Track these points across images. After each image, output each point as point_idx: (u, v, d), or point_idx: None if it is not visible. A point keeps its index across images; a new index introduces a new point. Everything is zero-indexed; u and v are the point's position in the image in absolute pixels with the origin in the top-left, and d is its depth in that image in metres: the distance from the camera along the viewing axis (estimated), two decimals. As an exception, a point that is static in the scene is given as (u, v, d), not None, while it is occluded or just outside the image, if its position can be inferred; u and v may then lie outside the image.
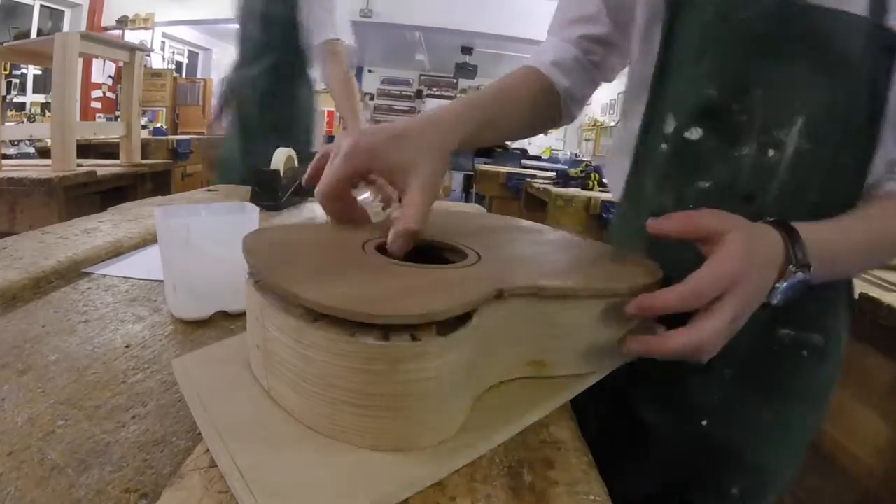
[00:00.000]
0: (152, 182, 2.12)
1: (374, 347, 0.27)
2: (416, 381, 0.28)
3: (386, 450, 0.29)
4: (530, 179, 3.03)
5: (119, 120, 2.08)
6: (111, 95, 5.73)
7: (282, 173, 1.12)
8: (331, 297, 0.27)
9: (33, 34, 4.80)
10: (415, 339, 0.28)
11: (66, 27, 5.29)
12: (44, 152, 2.22)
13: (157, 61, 6.64)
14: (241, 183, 1.40)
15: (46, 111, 4.71)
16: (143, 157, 2.12)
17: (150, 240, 0.77)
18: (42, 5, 5.02)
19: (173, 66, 7.08)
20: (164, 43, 6.84)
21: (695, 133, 0.47)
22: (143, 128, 3.57)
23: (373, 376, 0.27)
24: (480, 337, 0.31)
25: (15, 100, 4.71)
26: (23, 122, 4.37)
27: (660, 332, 0.37)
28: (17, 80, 4.82)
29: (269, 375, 0.32)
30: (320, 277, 0.31)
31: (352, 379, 0.28)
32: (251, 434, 0.29)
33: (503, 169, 3.86)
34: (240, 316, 0.52)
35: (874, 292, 0.97)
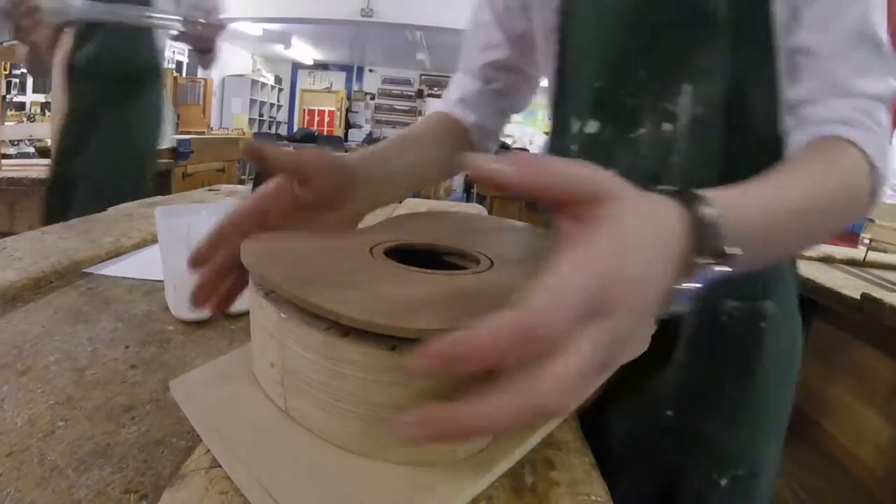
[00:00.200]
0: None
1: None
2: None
3: (425, 464, 0.28)
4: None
5: (119, 119, 2.07)
6: (111, 95, 5.72)
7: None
8: (374, 313, 0.26)
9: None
10: None
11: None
12: (44, 152, 2.21)
13: (156, 61, 6.63)
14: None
15: (46, 111, 4.71)
16: (142, 157, 2.11)
17: (150, 240, 0.77)
18: (41, 5, 5.01)
19: (173, 66, 7.08)
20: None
21: (593, 126, 0.49)
22: (143, 127, 3.56)
23: (413, 390, 0.26)
24: None
25: (15, 99, 4.71)
26: (22, 121, 4.36)
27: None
28: (17, 80, 4.82)
29: (289, 395, 0.30)
30: (348, 290, 0.29)
31: (392, 394, 0.26)
32: (281, 461, 0.28)
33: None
34: (240, 316, 0.52)
35: (877, 293, 0.97)
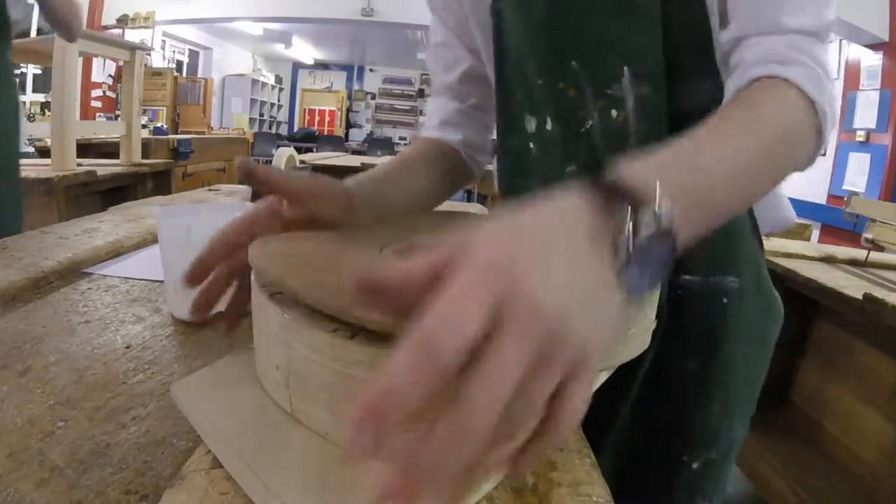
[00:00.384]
0: (153, 182, 2.12)
1: None
2: None
3: None
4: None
5: (119, 119, 2.08)
6: (111, 94, 5.72)
7: (282, 173, 1.12)
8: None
9: (33, 33, 4.79)
10: None
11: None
12: (43, 152, 2.21)
13: (157, 60, 6.64)
14: None
15: (46, 110, 4.71)
16: (143, 157, 2.13)
17: (150, 240, 0.77)
18: (42, 4, 5.01)
19: (174, 65, 7.09)
20: (164, 42, 6.84)
21: (545, 124, 0.49)
22: (144, 127, 3.57)
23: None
24: None
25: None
26: (22, 121, 4.37)
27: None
28: (17, 79, 4.82)
29: (295, 397, 0.30)
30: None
31: None
32: (289, 465, 0.27)
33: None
34: (241, 317, 0.52)
35: (878, 293, 0.96)
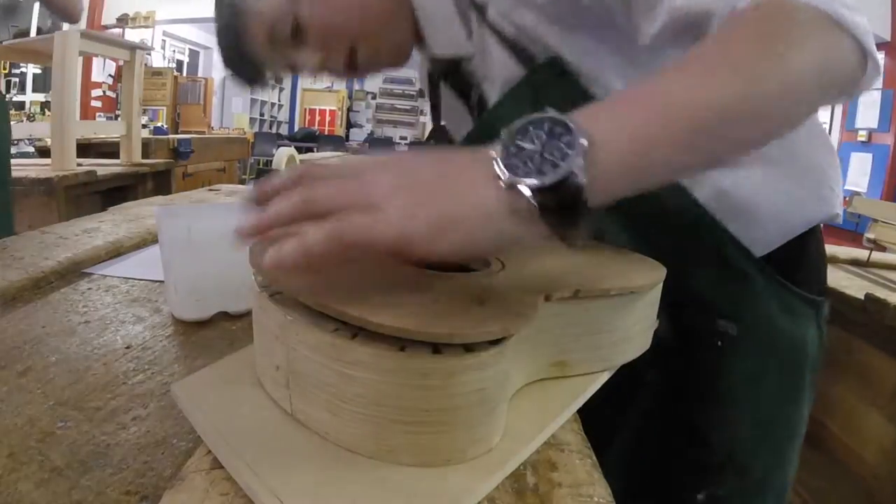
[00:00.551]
0: (153, 181, 2.11)
1: (429, 362, 0.26)
2: (469, 393, 0.27)
3: (437, 465, 0.28)
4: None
5: (119, 119, 2.08)
6: (111, 94, 5.72)
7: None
8: (401, 319, 0.26)
9: (33, 32, 4.79)
10: (468, 350, 0.26)
11: (65, 25, 5.28)
12: (43, 151, 2.21)
13: (157, 60, 6.64)
14: None
15: (46, 110, 4.71)
16: (143, 157, 2.12)
17: (150, 240, 0.77)
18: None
19: (174, 65, 7.08)
20: (164, 41, 6.84)
21: None
22: (144, 127, 3.56)
23: (426, 391, 0.26)
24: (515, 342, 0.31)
25: (14, 99, 4.71)
26: (22, 121, 4.37)
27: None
28: (17, 79, 4.82)
29: (295, 397, 0.30)
30: (364, 293, 0.29)
31: (402, 396, 0.26)
32: (289, 464, 0.27)
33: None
34: (241, 317, 0.52)
35: (880, 293, 0.96)
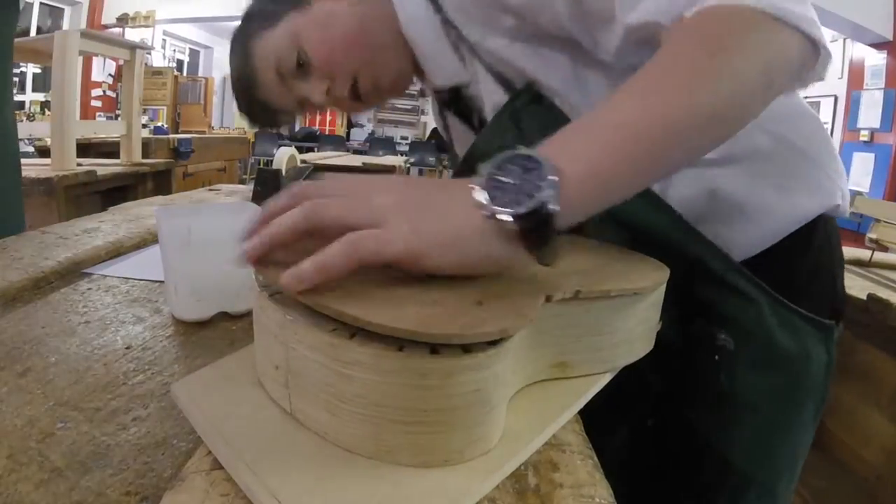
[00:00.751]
0: (153, 181, 2.11)
1: (427, 362, 0.26)
2: (467, 394, 0.27)
3: (435, 465, 0.28)
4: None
5: (119, 119, 2.08)
6: (111, 94, 5.73)
7: (284, 173, 1.12)
8: (401, 319, 0.26)
9: (32, 32, 4.80)
10: (466, 350, 0.26)
11: (65, 25, 5.29)
12: (43, 151, 2.21)
13: (157, 59, 6.64)
14: None
15: (46, 110, 4.71)
16: (143, 157, 2.12)
17: (150, 240, 0.77)
18: (42, 3, 5.02)
19: (174, 65, 7.09)
20: (164, 41, 6.84)
21: None
22: (144, 126, 3.57)
23: (424, 392, 0.26)
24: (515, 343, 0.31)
25: (14, 98, 4.71)
26: (22, 120, 4.37)
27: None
28: (17, 79, 4.82)
29: (294, 397, 0.30)
30: (361, 293, 0.29)
31: (400, 396, 0.26)
32: (288, 464, 0.27)
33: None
34: (242, 317, 0.52)
35: (882, 293, 0.96)
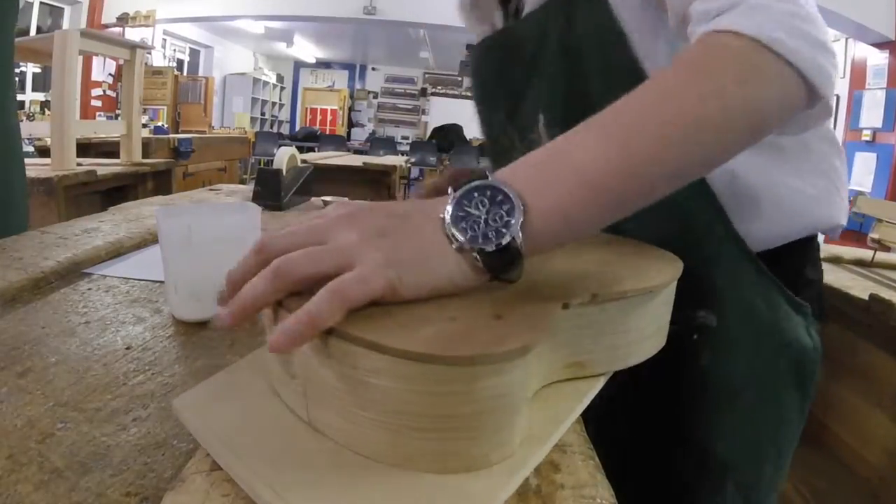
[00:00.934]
0: (153, 181, 2.11)
1: (450, 369, 0.25)
2: (491, 398, 0.27)
3: (458, 472, 0.28)
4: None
5: (119, 118, 2.08)
6: (111, 94, 5.73)
7: (284, 173, 1.12)
8: (420, 342, 0.25)
9: (32, 31, 4.80)
10: None
11: (65, 24, 5.29)
12: (43, 151, 2.21)
13: (158, 59, 6.64)
14: None
15: (46, 109, 4.71)
16: (144, 156, 2.12)
17: (150, 240, 0.77)
18: (42, 2, 5.02)
19: (175, 64, 7.09)
20: (165, 40, 6.84)
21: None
22: (144, 126, 3.57)
23: (446, 398, 0.26)
24: None
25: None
26: (22, 120, 4.36)
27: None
28: (17, 78, 4.81)
29: (312, 405, 0.29)
30: (377, 313, 0.28)
31: (422, 403, 0.26)
32: (305, 478, 0.27)
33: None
34: (241, 316, 0.52)
35: (885, 293, 0.96)
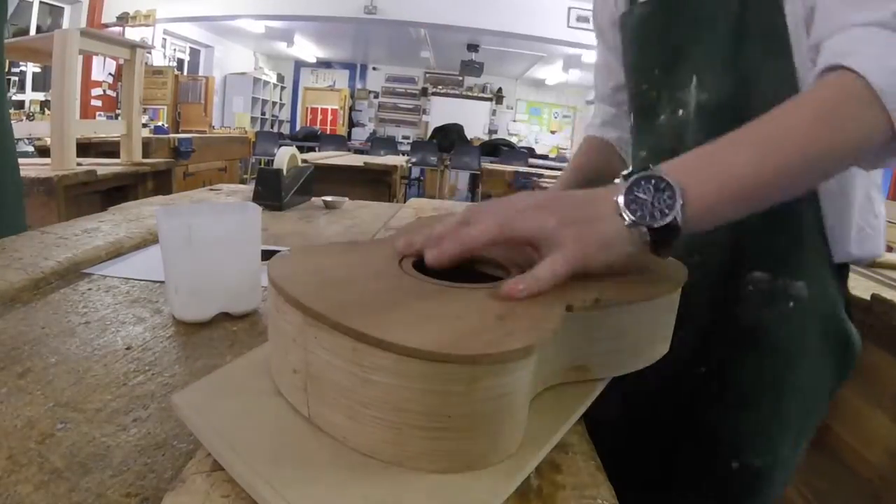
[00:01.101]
0: (153, 181, 2.11)
1: (452, 367, 0.25)
2: (493, 399, 0.27)
3: (458, 471, 0.28)
4: (537, 179, 3.02)
5: (120, 118, 2.08)
6: (112, 93, 5.73)
7: (285, 172, 1.12)
8: (428, 339, 0.26)
9: (32, 31, 4.80)
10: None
11: (65, 24, 5.29)
12: (43, 151, 2.21)
13: (158, 58, 6.64)
14: None
15: (46, 109, 4.71)
16: (144, 156, 2.12)
17: (150, 240, 0.77)
18: (41, 2, 5.02)
19: (175, 64, 7.08)
20: (165, 40, 6.84)
21: (632, 119, 0.64)
22: (144, 126, 3.57)
23: (450, 397, 0.26)
24: None
25: (14, 98, 4.71)
26: (22, 120, 4.38)
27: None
28: (17, 78, 4.82)
29: (313, 402, 0.29)
30: (382, 310, 0.29)
31: (424, 401, 0.26)
32: (304, 475, 0.27)
33: (510, 168, 3.83)
34: (242, 317, 0.52)
35: (887, 293, 0.96)
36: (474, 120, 9.07)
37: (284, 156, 1.15)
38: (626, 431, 0.58)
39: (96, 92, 5.61)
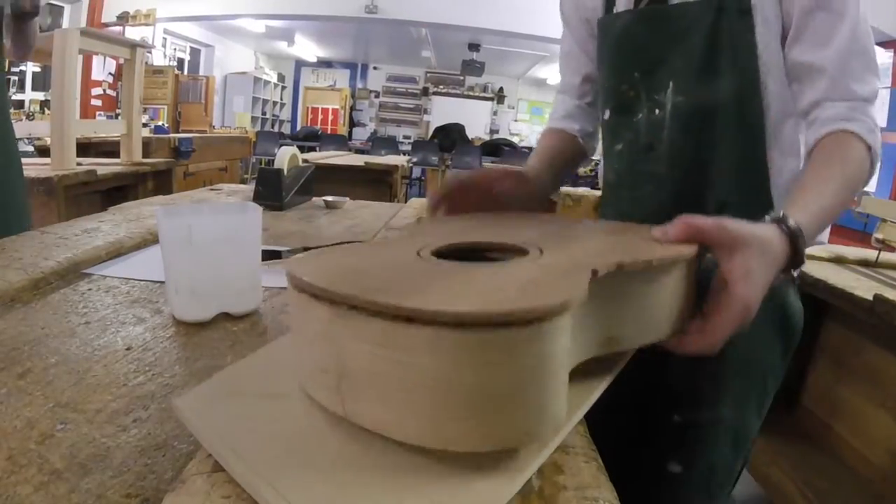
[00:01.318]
0: (153, 181, 2.11)
1: (488, 337, 0.25)
2: (532, 368, 0.26)
3: (500, 447, 0.27)
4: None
5: (120, 118, 2.08)
6: (112, 93, 5.73)
7: (285, 172, 1.12)
8: (468, 306, 0.25)
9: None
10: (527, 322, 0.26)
11: (65, 23, 5.28)
12: (43, 151, 2.21)
13: (158, 58, 6.64)
14: None
15: (46, 109, 4.71)
16: (144, 156, 2.12)
17: (151, 240, 0.77)
18: (42, 2, 5.01)
19: (175, 63, 7.08)
20: (165, 39, 6.84)
21: (607, 115, 0.68)
22: (145, 126, 3.57)
23: (490, 368, 0.25)
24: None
25: (14, 97, 4.71)
26: (22, 120, 4.37)
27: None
28: (16, 78, 4.82)
29: (348, 399, 0.29)
30: (424, 290, 0.28)
31: (464, 377, 0.25)
32: (307, 477, 0.26)
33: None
34: (242, 318, 0.52)
35: (889, 293, 0.95)
36: (475, 120, 9.06)
37: (285, 156, 1.15)
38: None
39: (96, 91, 5.61)
